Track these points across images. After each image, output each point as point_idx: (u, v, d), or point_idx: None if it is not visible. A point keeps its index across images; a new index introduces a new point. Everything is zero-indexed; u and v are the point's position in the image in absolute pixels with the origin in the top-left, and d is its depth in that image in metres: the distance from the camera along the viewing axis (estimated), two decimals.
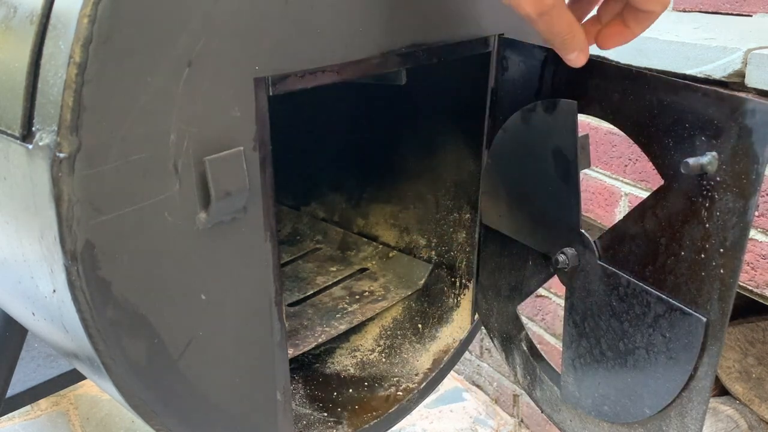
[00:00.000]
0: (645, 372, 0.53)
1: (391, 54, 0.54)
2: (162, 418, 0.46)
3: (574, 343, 0.59)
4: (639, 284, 0.52)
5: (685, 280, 0.48)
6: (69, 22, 0.36)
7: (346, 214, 0.93)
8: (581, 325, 0.58)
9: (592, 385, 0.58)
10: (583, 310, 0.57)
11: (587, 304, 0.57)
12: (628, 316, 0.53)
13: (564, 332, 0.60)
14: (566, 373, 0.61)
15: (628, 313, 0.53)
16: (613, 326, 0.55)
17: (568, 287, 0.59)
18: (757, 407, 1.27)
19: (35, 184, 0.38)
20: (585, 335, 0.58)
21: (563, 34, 0.48)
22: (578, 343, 0.59)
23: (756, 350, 1.27)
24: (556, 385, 0.64)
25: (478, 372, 1.64)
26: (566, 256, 0.57)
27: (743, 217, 0.44)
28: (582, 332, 0.58)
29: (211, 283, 0.46)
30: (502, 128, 0.62)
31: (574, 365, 0.60)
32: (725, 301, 0.46)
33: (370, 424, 0.68)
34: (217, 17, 0.41)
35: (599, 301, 0.56)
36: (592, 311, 0.57)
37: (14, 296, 0.50)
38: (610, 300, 0.54)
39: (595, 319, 0.56)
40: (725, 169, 0.44)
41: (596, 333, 0.57)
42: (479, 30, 0.61)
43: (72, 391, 1.64)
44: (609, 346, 0.56)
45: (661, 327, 0.51)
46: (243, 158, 0.44)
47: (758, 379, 1.27)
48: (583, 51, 0.50)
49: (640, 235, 0.51)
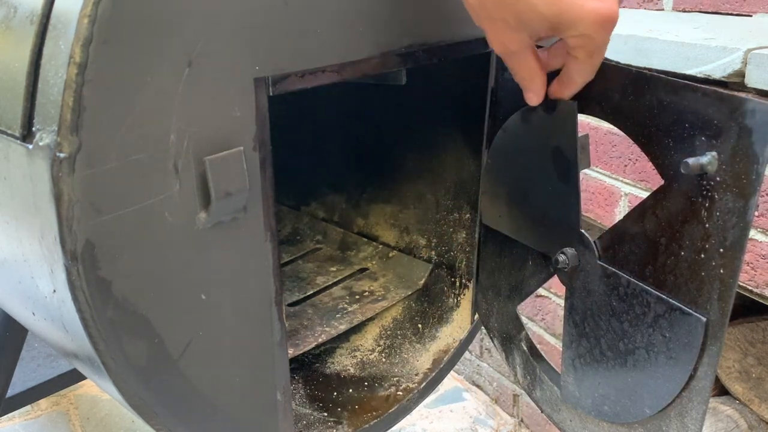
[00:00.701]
0: (645, 372, 0.53)
1: (391, 54, 0.54)
2: (162, 418, 0.46)
3: (574, 343, 0.59)
4: (639, 284, 0.52)
5: (685, 281, 0.48)
6: (69, 22, 0.36)
7: (346, 214, 0.93)
8: (581, 325, 0.58)
9: (592, 385, 0.58)
10: (583, 310, 0.57)
11: (587, 304, 0.57)
12: (628, 316, 0.53)
13: (564, 332, 0.60)
14: (566, 373, 0.61)
15: (628, 313, 0.53)
16: (613, 326, 0.55)
17: (568, 287, 0.59)
18: (757, 407, 1.27)
19: (35, 184, 0.38)
20: (585, 335, 0.58)
21: (524, 77, 0.54)
22: (578, 343, 0.59)
23: (756, 350, 1.27)
24: (556, 385, 0.64)
25: (478, 372, 1.64)
26: (566, 256, 0.57)
27: (743, 217, 0.44)
28: (582, 332, 0.58)
29: (211, 283, 0.46)
30: (502, 128, 0.62)
31: (574, 365, 0.60)
32: (725, 301, 0.46)
33: (370, 424, 0.68)
34: (217, 17, 0.41)
35: (599, 301, 0.56)
36: (592, 311, 0.57)
37: (14, 296, 0.50)
38: (610, 300, 0.54)
39: (595, 319, 0.56)
40: (725, 169, 0.44)
41: (596, 333, 0.57)
42: (479, 30, 0.60)
43: (72, 391, 1.64)
44: (609, 346, 0.56)
45: (661, 327, 0.51)
46: (243, 158, 0.44)
47: (758, 379, 1.27)
48: (537, 95, 0.55)
49: (640, 235, 0.51)
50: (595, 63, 0.51)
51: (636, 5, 1.27)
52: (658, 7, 1.24)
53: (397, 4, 0.53)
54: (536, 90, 0.55)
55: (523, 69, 0.53)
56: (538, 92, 0.55)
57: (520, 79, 0.54)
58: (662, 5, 1.23)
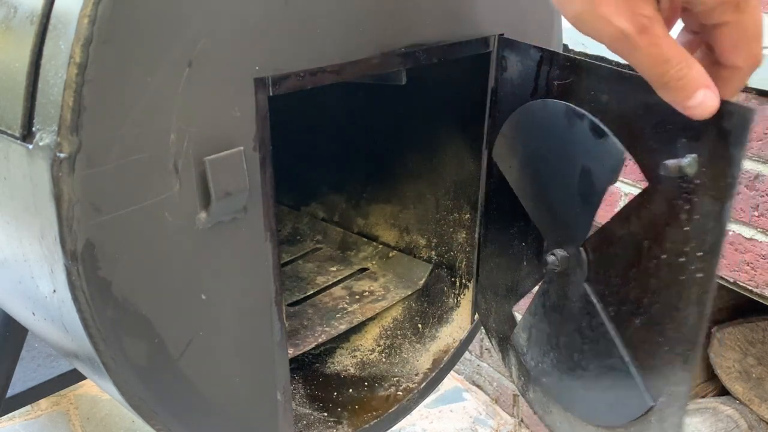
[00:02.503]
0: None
1: (391, 54, 0.54)
2: (162, 418, 0.46)
3: (537, 317, 0.60)
4: (609, 333, 0.52)
5: (666, 284, 0.48)
6: (69, 23, 0.36)
7: (346, 214, 0.93)
8: (548, 310, 0.58)
9: (538, 355, 0.60)
10: (553, 303, 0.58)
11: (560, 302, 0.57)
12: (590, 344, 0.54)
13: (531, 302, 0.61)
14: (520, 333, 0.62)
15: (592, 342, 0.54)
16: (574, 339, 0.55)
17: (550, 277, 0.59)
18: (757, 407, 1.27)
19: (35, 184, 0.38)
20: (547, 320, 0.58)
21: (676, 59, 0.34)
22: (540, 320, 0.59)
23: (756, 350, 1.27)
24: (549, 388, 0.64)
25: (478, 372, 1.64)
26: (556, 259, 0.57)
27: (719, 220, 0.44)
28: (546, 315, 0.59)
29: (211, 283, 0.46)
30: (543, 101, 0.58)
31: (530, 332, 0.61)
32: (703, 305, 0.46)
33: (370, 424, 0.68)
34: (217, 17, 0.41)
35: (571, 311, 0.56)
36: (561, 310, 0.57)
37: (14, 296, 0.50)
38: (581, 320, 0.55)
39: (562, 316, 0.57)
40: (705, 171, 0.44)
41: (558, 327, 0.57)
42: (479, 30, 0.61)
43: (72, 391, 1.64)
44: (566, 347, 0.56)
45: (613, 377, 0.52)
46: (243, 158, 0.44)
47: (758, 379, 1.27)
48: (709, 92, 0.35)
49: (625, 237, 0.51)
50: (751, 24, 0.33)
51: None
52: None
53: (397, 5, 0.53)
54: (701, 82, 0.35)
55: (669, 50, 0.34)
56: (706, 83, 0.35)
57: (675, 72, 0.34)
58: None
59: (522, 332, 0.62)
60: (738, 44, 0.35)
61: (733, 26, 0.34)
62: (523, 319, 0.62)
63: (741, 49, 0.35)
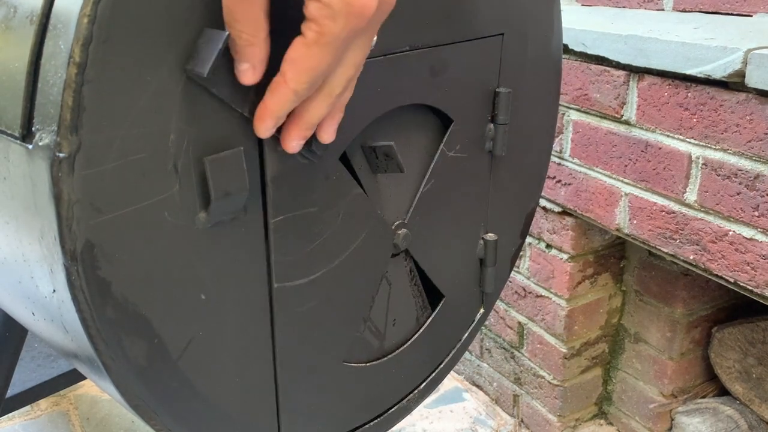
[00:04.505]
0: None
1: (392, 54, 0.54)
2: (162, 418, 0.46)
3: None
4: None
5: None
6: (69, 22, 0.36)
7: None
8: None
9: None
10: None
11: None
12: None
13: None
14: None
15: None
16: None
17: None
18: (757, 407, 1.27)
19: (35, 184, 0.38)
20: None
21: (246, 33, 0.38)
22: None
23: (756, 350, 1.27)
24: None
25: (478, 372, 1.64)
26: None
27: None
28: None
29: (211, 283, 0.46)
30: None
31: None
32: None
33: (371, 424, 0.68)
34: (217, 17, 0.41)
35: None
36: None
37: (14, 296, 0.50)
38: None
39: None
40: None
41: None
42: (479, 30, 0.60)
43: (72, 391, 1.64)
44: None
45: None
46: (243, 158, 0.44)
47: (758, 379, 1.27)
48: (254, 67, 0.40)
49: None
50: (321, 59, 0.38)
51: (636, 5, 1.27)
52: (658, 7, 1.24)
53: (397, 5, 0.53)
54: (255, 59, 0.39)
55: (247, 21, 0.38)
56: (256, 63, 0.39)
57: (237, 36, 0.38)
58: (662, 5, 1.23)
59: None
60: (297, 61, 0.39)
61: (304, 45, 0.39)
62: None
63: (294, 68, 0.40)
